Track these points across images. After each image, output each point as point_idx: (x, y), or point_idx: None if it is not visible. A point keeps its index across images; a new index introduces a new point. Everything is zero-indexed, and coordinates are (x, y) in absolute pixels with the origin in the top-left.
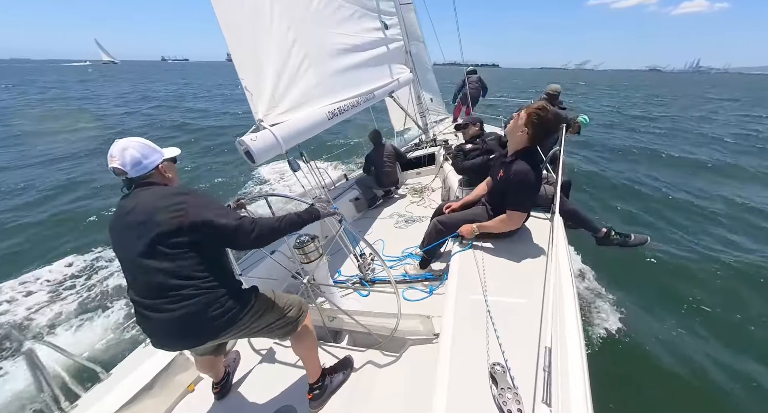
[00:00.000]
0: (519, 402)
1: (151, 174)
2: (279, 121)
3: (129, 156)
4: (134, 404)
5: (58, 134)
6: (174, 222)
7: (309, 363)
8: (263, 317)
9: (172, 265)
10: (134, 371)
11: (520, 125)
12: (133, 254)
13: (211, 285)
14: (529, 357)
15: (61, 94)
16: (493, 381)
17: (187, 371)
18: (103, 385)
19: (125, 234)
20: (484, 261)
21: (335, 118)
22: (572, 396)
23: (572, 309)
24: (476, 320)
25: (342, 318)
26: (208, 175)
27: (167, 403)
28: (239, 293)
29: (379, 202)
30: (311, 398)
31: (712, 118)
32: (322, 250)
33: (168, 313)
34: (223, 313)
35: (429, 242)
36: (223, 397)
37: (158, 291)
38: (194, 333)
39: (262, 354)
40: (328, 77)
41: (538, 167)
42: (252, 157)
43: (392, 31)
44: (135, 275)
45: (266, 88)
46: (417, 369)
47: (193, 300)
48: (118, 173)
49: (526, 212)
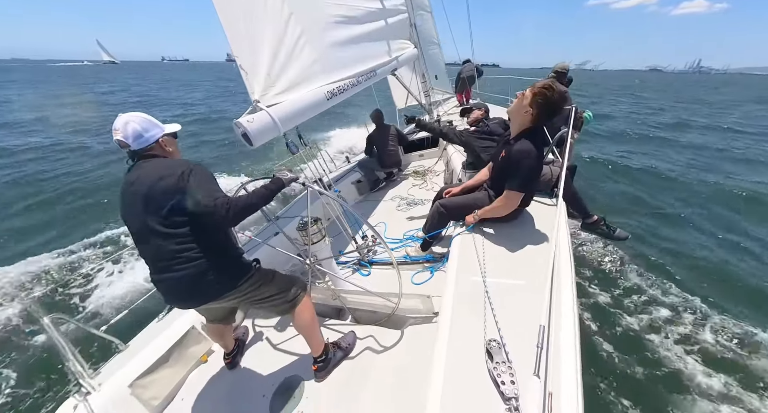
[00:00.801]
0: (512, 375)
1: (152, 147)
2: (276, 101)
3: (131, 129)
4: (152, 374)
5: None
6: (170, 194)
7: (310, 338)
8: (261, 288)
9: (174, 232)
10: (150, 343)
11: (525, 105)
12: (139, 222)
13: (212, 250)
14: (525, 335)
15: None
16: (489, 356)
17: (200, 344)
18: (122, 356)
19: (131, 203)
20: (485, 244)
21: (334, 97)
22: (563, 370)
23: (569, 291)
24: (475, 300)
25: (345, 297)
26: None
27: (182, 373)
28: (239, 261)
29: (381, 185)
30: (316, 369)
31: None
32: (324, 232)
33: (173, 273)
34: (223, 278)
35: (431, 225)
36: (234, 367)
37: (164, 256)
38: (197, 293)
39: (270, 327)
40: (326, 54)
41: (541, 148)
42: (249, 140)
43: (396, 1)
44: (143, 241)
45: (262, 67)
46: (416, 345)
47: (195, 262)
48: (122, 146)
49: (525, 193)
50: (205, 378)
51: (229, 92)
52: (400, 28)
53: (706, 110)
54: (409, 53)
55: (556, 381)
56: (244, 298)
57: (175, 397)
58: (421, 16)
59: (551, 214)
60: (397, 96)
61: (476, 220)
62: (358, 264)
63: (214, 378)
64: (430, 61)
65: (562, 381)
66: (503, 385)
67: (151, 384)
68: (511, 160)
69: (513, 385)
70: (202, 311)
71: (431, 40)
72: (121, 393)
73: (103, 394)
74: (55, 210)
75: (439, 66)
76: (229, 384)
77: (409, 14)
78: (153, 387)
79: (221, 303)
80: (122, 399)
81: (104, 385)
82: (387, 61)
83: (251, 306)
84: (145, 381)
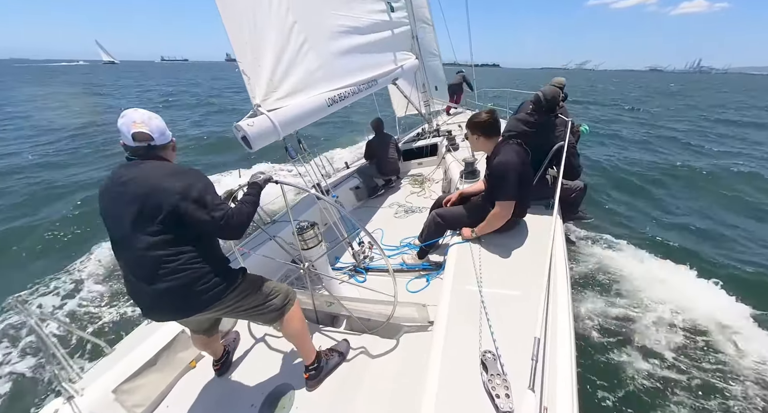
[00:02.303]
0: (507, 387)
1: (167, 145)
2: (277, 106)
3: (155, 125)
4: (138, 378)
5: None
6: (172, 202)
7: (301, 347)
8: (247, 298)
9: (163, 239)
10: (137, 347)
11: (472, 138)
12: (127, 224)
13: (199, 261)
14: (520, 347)
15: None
16: (484, 368)
17: (189, 348)
18: (107, 359)
19: (121, 201)
20: (481, 254)
21: (335, 104)
22: (559, 384)
23: (565, 302)
24: (470, 310)
25: (339, 304)
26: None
27: (169, 378)
28: (226, 271)
29: (380, 192)
30: (307, 378)
31: None
32: (321, 237)
33: (156, 285)
34: (209, 289)
35: (427, 234)
36: (223, 374)
37: (148, 264)
38: (180, 306)
39: (261, 334)
40: (329, 62)
41: (521, 153)
42: (249, 143)
43: (398, 14)
44: (124, 246)
45: (264, 72)
46: (410, 355)
47: (181, 274)
48: (141, 139)
49: (514, 199)
50: (193, 385)
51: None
52: (403, 40)
53: None
54: (410, 64)
55: (552, 395)
56: (229, 309)
57: (160, 404)
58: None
59: (547, 225)
60: (397, 105)
61: (473, 237)
62: (353, 271)
63: (201, 386)
64: (430, 72)
65: (558, 395)
66: (498, 399)
67: (136, 389)
68: (493, 174)
69: (508, 399)
70: (183, 322)
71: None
72: (105, 399)
73: (85, 399)
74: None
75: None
76: (217, 392)
77: (411, 26)
78: (138, 393)
79: (204, 315)
80: (106, 405)
81: (87, 390)
82: (388, 71)
83: (238, 317)
84: (129, 387)
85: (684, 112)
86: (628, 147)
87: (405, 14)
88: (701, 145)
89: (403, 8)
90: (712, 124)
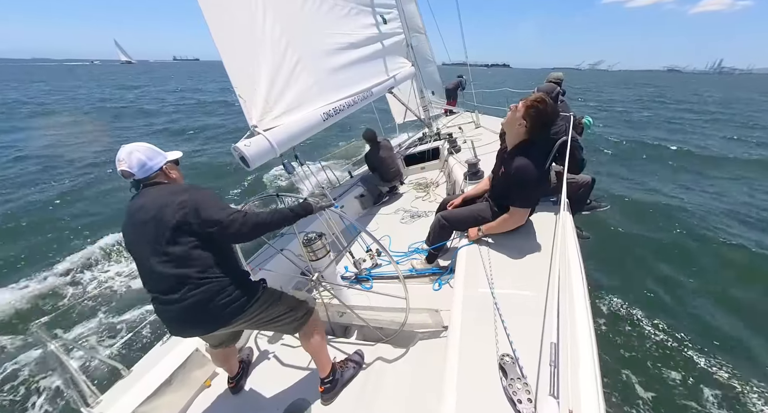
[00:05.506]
0: (529, 392)
1: (157, 174)
2: (273, 125)
3: (135, 159)
4: (155, 399)
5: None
6: (178, 217)
7: (318, 358)
8: (270, 309)
9: (181, 257)
10: (153, 368)
11: (518, 117)
12: (146, 249)
13: (219, 275)
14: (538, 350)
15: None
16: (503, 373)
17: (203, 367)
18: (124, 381)
19: (137, 230)
20: (491, 255)
21: (330, 118)
22: (582, 389)
23: (582, 302)
24: (484, 313)
25: (351, 314)
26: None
27: (186, 398)
28: (247, 283)
29: (384, 199)
30: (323, 391)
31: None
32: (329, 248)
33: (180, 303)
34: (232, 301)
35: (434, 237)
36: (239, 391)
37: (170, 282)
38: (206, 320)
39: (275, 349)
40: (323, 78)
41: (539, 160)
42: (247, 163)
43: (392, 25)
44: (148, 268)
45: (260, 95)
46: (426, 362)
47: (202, 288)
48: (126, 176)
49: (531, 208)
50: (209, 404)
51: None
52: (397, 49)
53: None
54: (406, 72)
55: (576, 401)
56: (252, 321)
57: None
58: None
59: (557, 222)
60: (396, 112)
61: (480, 237)
62: (363, 280)
63: (217, 404)
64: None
65: (582, 401)
66: (520, 404)
67: (154, 410)
68: (511, 177)
69: (530, 404)
70: (208, 338)
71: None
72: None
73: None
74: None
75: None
76: (233, 409)
77: (405, 36)
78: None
79: (228, 329)
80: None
81: (107, 412)
82: (384, 80)
83: (259, 328)
84: (148, 408)
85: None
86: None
87: (398, 25)
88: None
89: (396, 19)
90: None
